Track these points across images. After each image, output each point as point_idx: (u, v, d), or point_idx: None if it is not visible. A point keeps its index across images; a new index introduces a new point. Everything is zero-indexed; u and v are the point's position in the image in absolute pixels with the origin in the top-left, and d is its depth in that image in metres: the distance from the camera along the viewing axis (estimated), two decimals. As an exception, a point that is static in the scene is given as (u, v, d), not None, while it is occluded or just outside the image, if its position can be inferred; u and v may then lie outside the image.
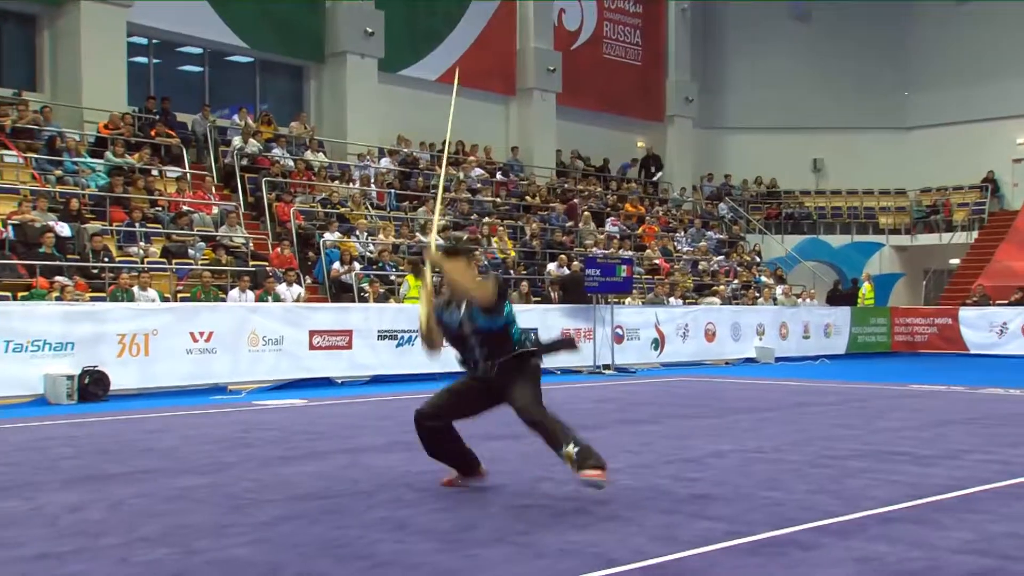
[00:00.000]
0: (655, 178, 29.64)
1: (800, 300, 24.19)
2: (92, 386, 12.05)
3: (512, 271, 20.12)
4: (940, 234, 30.24)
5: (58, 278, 13.86)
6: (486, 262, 19.79)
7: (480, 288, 5.66)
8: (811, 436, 8.81)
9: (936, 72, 31.51)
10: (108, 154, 17.82)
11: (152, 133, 19.05)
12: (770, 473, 6.79)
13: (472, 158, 24.51)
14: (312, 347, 14.40)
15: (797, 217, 31.21)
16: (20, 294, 13.44)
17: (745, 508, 5.60)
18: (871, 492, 6.09)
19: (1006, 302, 23.60)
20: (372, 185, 21.26)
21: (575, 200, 24.89)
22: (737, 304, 22.49)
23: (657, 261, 23.69)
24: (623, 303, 19.37)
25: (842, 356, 22.52)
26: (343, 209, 19.56)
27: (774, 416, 10.53)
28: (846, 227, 31.20)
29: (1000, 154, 30.25)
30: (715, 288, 22.63)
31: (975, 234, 29.37)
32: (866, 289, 25.41)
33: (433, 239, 6.46)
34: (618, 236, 23.80)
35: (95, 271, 14.81)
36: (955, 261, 29.39)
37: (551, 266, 20.59)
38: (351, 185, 20.77)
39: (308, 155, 21.30)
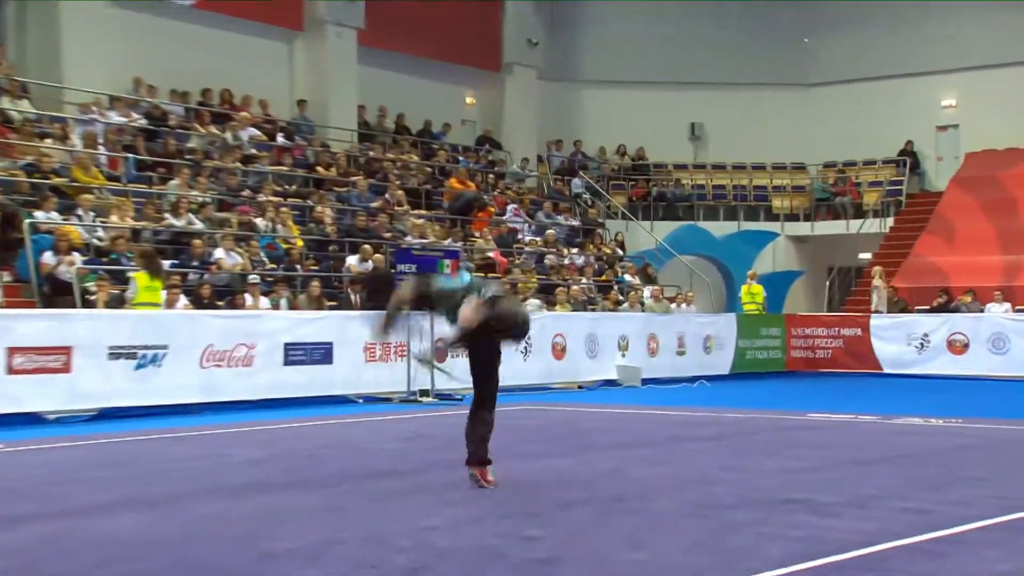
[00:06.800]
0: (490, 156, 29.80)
1: (674, 305, 24.62)
2: None
3: (298, 266, 19.77)
4: (847, 221, 31.36)
5: None
6: (263, 256, 19.39)
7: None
8: (686, 479, 8.99)
9: (844, 16, 32.60)
10: None
11: None
12: (632, 528, 6.86)
13: (243, 114, 24.00)
14: (12, 370, 13.82)
15: (671, 198, 31.74)
16: None
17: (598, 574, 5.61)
18: (760, 549, 6.22)
19: (927, 308, 24.50)
20: (101, 147, 20.55)
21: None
22: (594, 311, 22.71)
23: (491, 254, 23.69)
24: (446, 309, 19.28)
25: (726, 377, 23.12)
26: (59, 180, 18.81)
27: (640, 454, 10.70)
28: (732, 212, 31.97)
29: (921, 120, 31.79)
30: (561, 290, 22.54)
31: (890, 221, 30.58)
32: (743, 292, 25.77)
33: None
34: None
35: None
36: (865, 255, 30.26)
37: (351, 260, 20.37)
38: (70, 146, 20.01)
39: (6, 103, 20.41)
